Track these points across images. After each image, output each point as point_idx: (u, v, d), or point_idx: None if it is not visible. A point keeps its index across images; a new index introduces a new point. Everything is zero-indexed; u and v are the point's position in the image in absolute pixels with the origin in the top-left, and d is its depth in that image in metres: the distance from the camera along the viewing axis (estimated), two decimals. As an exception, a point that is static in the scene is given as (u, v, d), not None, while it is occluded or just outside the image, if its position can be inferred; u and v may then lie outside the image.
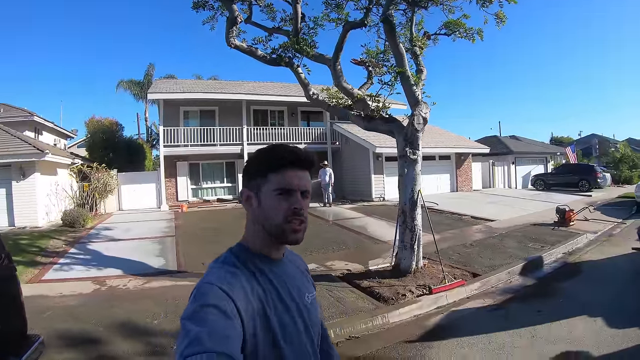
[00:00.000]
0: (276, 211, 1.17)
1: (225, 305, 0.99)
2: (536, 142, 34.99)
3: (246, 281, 1.10)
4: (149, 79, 32.73)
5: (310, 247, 9.50)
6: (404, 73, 7.37)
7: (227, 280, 1.07)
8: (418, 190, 7.08)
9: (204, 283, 1.06)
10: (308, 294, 1.30)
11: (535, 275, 7.53)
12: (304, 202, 1.20)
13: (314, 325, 1.25)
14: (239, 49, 8.25)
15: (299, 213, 1.18)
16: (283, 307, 1.15)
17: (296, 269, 1.35)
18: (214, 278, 1.07)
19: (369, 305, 5.84)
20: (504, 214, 14.07)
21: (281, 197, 1.17)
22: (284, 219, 1.16)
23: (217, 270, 1.13)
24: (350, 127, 19.32)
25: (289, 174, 1.18)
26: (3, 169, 13.36)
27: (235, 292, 1.04)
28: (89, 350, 4.67)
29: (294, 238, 1.19)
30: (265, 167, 1.19)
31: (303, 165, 1.21)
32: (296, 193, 1.18)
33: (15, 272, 3.59)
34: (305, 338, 1.19)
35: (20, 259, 8.86)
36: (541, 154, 30.43)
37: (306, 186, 1.22)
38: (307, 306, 1.25)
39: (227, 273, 1.11)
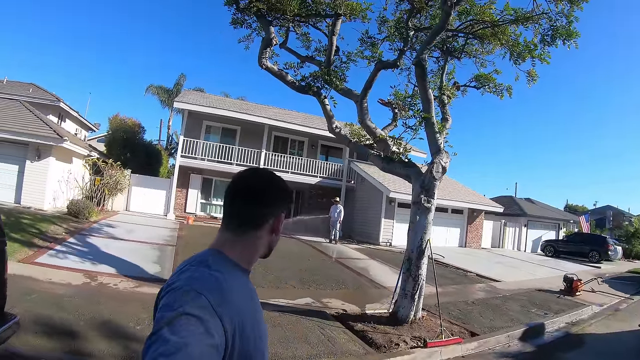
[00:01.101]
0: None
1: (209, 320, 0.91)
2: (551, 207, 34.58)
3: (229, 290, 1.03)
4: (178, 88, 33.26)
5: (309, 282, 9.37)
6: (430, 119, 7.33)
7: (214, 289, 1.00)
8: (427, 240, 6.92)
9: (191, 289, 0.97)
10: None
11: (536, 342, 7.25)
12: None
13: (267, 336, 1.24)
14: (270, 70, 8.30)
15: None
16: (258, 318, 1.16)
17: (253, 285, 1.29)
18: (200, 285, 1.00)
19: (360, 350, 5.63)
20: (510, 275, 13.77)
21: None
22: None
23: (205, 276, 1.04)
24: (367, 168, 19.29)
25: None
26: (20, 146, 13.62)
27: (223, 304, 0.98)
28: (64, 341, 4.60)
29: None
30: (291, 198, 1.32)
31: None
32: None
33: (4, 246, 3.54)
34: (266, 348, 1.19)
35: (18, 237, 8.96)
36: (554, 220, 30.01)
37: None
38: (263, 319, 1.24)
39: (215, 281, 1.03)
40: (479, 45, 8.41)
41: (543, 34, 7.18)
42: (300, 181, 20.54)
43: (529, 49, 7.42)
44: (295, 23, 8.74)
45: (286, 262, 10.91)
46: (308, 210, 21.27)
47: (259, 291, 1.41)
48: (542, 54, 7.33)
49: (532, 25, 7.28)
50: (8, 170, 13.61)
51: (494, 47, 8.20)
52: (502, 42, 7.77)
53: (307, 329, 6.11)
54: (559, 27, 6.88)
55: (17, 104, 16.64)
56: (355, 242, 17.99)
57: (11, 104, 16.52)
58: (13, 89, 21.22)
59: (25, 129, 13.63)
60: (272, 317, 6.29)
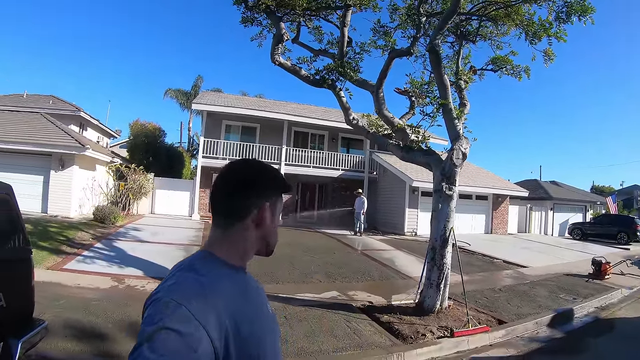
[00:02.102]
0: (275, 232, 1.23)
1: (192, 332, 0.86)
2: (576, 189, 33.79)
3: (217, 295, 0.98)
4: (196, 90, 33.52)
5: (335, 275, 9.38)
6: (447, 105, 7.21)
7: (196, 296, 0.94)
8: (450, 228, 6.83)
9: (171, 299, 0.92)
10: (268, 305, 1.23)
11: (564, 328, 7.09)
12: None
13: (277, 335, 1.23)
14: (283, 66, 8.29)
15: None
16: (254, 317, 1.08)
17: (254, 281, 1.25)
18: (180, 294, 0.94)
19: (386, 342, 5.60)
20: (538, 260, 13.54)
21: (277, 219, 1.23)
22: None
23: (185, 281, 1.00)
24: (389, 158, 19.19)
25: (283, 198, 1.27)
26: (44, 157, 13.93)
27: (206, 313, 0.91)
28: (94, 344, 4.68)
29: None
30: (282, 187, 1.23)
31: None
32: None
33: (30, 255, 3.62)
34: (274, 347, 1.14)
35: (46, 245, 9.16)
36: (581, 202, 29.36)
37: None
38: (271, 317, 1.20)
39: (197, 286, 0.98)
40: (493, 27, 8.25)
41: (557, 12, 6.97)
42: (322, 175, 20.62)
43: (544, 28, 7.24)
44: (306, 17, 8.72)
45: (312, 256, 10.97)
46: (332, 204, 21.35)
47: (284, 287, 1.40)
48: (558, 32, 7.13)
49: (546, 2, 7.10)
50: (33, 180, 13.91)
51: (509, 28, 8.04)
52: (516, 22, 7.61)
53: (333, 322, 6.11)
54: (573, 2, 6.68)
55: (39, 116, 17.07)
56: (380, 233, 17.94)
57: (33, 117, 16.95)
58: (33, 101, 21.79)
59: (47, 140, 13.96)
60: (297, 312, 6.31)
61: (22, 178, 13.47)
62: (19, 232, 3.48)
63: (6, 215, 3.40)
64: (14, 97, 23.03)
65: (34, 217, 12.01)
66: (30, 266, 3.59)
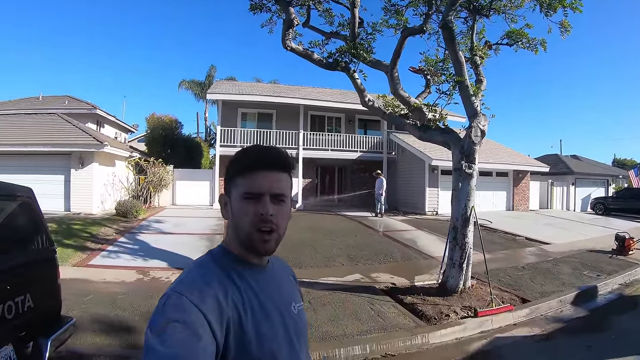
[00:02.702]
0: (243, 218, 1.07)
1: (194, 320, 0.89)
2: (598, 163, 33.05)
3: (220, 287, 1.00)
4: (210, 80, 33.55)
5: (357, 258, 9.40)
6: (463, 82, 7.07)
7: (198, 288, 0.96)
8: (471, 206, 6.75)
9: (173, 292, 0.96)
10: (295, 304, 1.19)
11: (588, 306, 6.98)
12: (276, 207, 1.08)
13: (300, 336, 1.14)
14: (295, 51, 8.22)
15: (266, 220, 1.06)
16: (263, 315, 1.04)
17: (282, 276, 1.24)
18: (183, 286, 0.97)
19: (410, 323, 5.61)
20: (560, 237, 13.33)
21: (248, 202, 1.06)
22: (252, 227, 1.06)
23: (190, 276, 1.03)
24: (407, 138, 19.01)
25: (257, 175, 1.07)
26: (63, 157, 14.18)
27: (207, 303, 0.93)
28: (122, 337, 4.77)
29: (263, 248, 1.08)
30: (234, 170, 1.11)
31: (274, 165, 1.10)
32: (264, 197, 1.06)
33: (54, 254, 3.69)
34: (288, 349, 1.08)
35: (70, 242, 9.33)
36: (602, 176, 28.78)
37: (279, 189, 1.09)
38: (294, 317, 1.15)
39: (200, 279, 1.00)
40: (507, 0, 8.03)
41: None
42: (341, 157, 20.59)
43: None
44: (315, 0, 8.60)
45: (333, 239, 11.00)
46: (351, 186, 21.35)
47: (307, 271, 1.38)
48: (573, 3, 6.90)
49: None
50: (55, 180, 14.17)
51: (523, 0, 7.82)
52: (530, -8, 7.40)
53: (356, 305, 6.13)
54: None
55: (56, 117, 17.40)
56: (401, 214, 17.87)
57: (50, 118, 17.29)
58: (49, 103, 22.22)
59: (66, 140, 14.22)
60: (321, 296, 6.35)
61: (44, 178, 13.75)
62: (42, 234, 3.54)
63: (29, 218, 3.46)
64: (30, 100, 23.52)
65: (57, 216, 12.27)
66: (55, 266, 3.66)
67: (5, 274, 2.91)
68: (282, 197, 1.09)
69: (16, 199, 3.34)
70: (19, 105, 21.59)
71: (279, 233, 1.09)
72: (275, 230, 1.07)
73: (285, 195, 1.10)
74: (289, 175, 1.13)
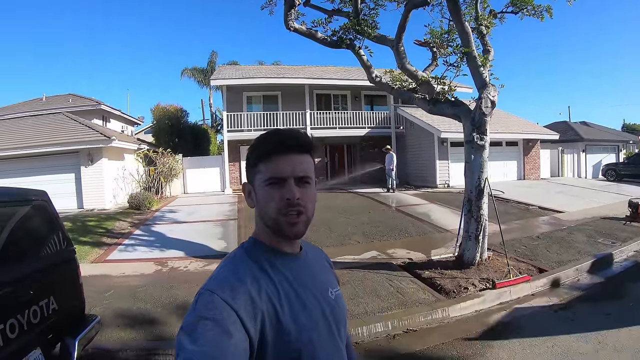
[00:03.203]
0: (269, 204, 1.04)
1: (226, 318, 0.88)
2: (608, 129, 32.61)
3: (253, 282, 0.98)
4: (212, 66, 33.27)
5: (372, 234, 9.42)
6: (470, 53, 6.96)
7: (230, 285, 0.95)
8: (485, 178, 6.70)
9: (205, 290, 0.95)
10: (332, 290, 1.17)
11: (605, 273, 6.95)
12: (301, 190, 1.05)
13: (338, 322, 1.12)
14: (298, 32, 8.12)
15: (292, 204, 1.03)
16: (300, 306, 1.02)
17: (317, 262, 1.22)
18: (215, 284, 0.97)
19: (430, 298, 5.63)
20: (573, 205, 13.23)
21: (273, 188, 1.04)
22: (277, 212, 1.03)
23: (222, 272, 1.02)
24: (415, 111, 18.90)
25: (279, 159, 1.05)
26: (72, 155, 14.25)
27: (239, 300, 0.92)
28: (146, 329, 4.81)
29: (292, 232, 1.06)
30: (255, 157, 1.09)
31: (295, 148, 1.07)
32: (289, 181, 1.04)
33: (74, 255, 3.73)
34: (327, 336, 1.06)
35: (87, 239, 9.38)
36: (613, 142, 28.44)
37: (303, 171, 1.06)
38: (331, 302, 1.13)
39: (232, 275, 0.99)
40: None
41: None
42: (349, 135, 20.56)
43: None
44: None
45: (347, 217, 11.03)
46: (361, 163, 21.27)
47: (324, 251, 1.36)
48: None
49: None
50: (66, 179, 14.26)
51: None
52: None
53: (375, 282, 6.16)
54: None
55: (61, 116, 17.50)
56: (413, 188, 17.89)
57: (55, 118, 17.39)
58: (53, 103, 22.27)
59: (73, 138, 14.26)
60: (340, 275, 6.26)
61: (55, 178, 13.90)
62: (60, 235, 3.57)
63: (46, 221, 3.48)
64: (33, 102, 23.58)
65: (71, 215, 12.34)
66: (75, 266, 3.71)
67: (28, 279, 2.94)
68: (306, 179, 1.07)
69: (31, 203, 3.35)
70: (23, 108, 21.63)
71: (307, 215, 1.07)
72: (303, 212, 1.05)
73: (309, 177, 1.08)
74: (311, 157, 1.11)
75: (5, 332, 2.54)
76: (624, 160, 26.02)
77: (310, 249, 1.26)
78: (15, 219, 3.12)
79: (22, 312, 2.75)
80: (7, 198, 3.13)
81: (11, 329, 2.60)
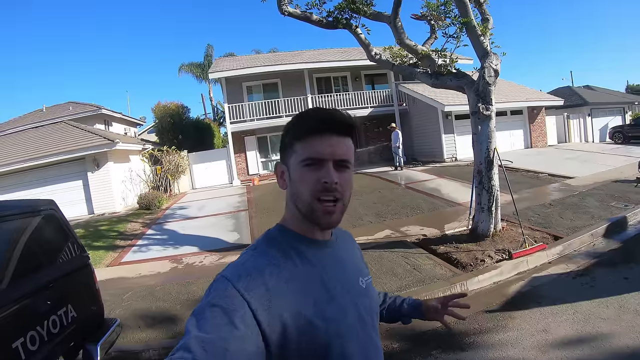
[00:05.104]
0: (303, 186, 0.98)
1: (235, 308, 0.82)
2: (612, 91, 31.93)
3: (273, 272, 0.92)
4: (209, 60, 33.08)
5: (384, 213, 9.41)
6: (469, 23, 6.82)
7: (246, 273, 0.89)
8: (494, 148, 6.63)
9: (221, 276, 0.90)
10: (362, 278, 1.11)
11: (620, 237, 6.84)
12: (339, 174, 0.98)
13: (371, 312, 1.08)
14: (293, 15, 8.02)
15: (330, 188, 0.96)
16: (327, 298, 0.96)
17: (347, 250, 1.15)
18: (232, 271, 0.91)
19: (447, 273, 5.63)
20: (583, 170, 13.11)
21: (309, 169, 0.97)
22: (312, 196, 0.96)
23: (242, 259, 0.96)
24: (416, 87, 18.73)
25: (317, 140, 0.97)
26: (78, 162, 14.26)
27: (253, 290, 0.86)
28: (167, 327, 4.85)
29: (326, 221, 0.99)
30: (292, 136, 1.01)
31: (337, 129, 1.00)
32: (327, 163, 0.97)
33: (88, 260, 3.74)
34: (359, 328, 1.01)
35: (100, 244, 9.40)
36: (618, 104, 27.87)
37: (344, 155, 0.99)
38: (362, 292, 1.07)
39: (251, 263, 0.93)
40: None
41: None
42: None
43: None
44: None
45: (357, 198, 11.00)
46: (367, 143, 21.20)
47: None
48: None
49: None
50: (74, 187, 14.30)
51: None
52: None
53: (391, 261, 6.15)
54: None
55: (63, 125, 17.48)
56: (421, 164, 17.79)
57: (57, 127, 17.36)
58: (54, 112, 22.28)
59: (77, 145, 14.22)
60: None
61: (63, 187, 13.99)
62: (72, 242, 3.59)
63: (56, 230, 3.49)
64: (34, 114, 23.60)
65: (82, 221, 12.40)
66: (90, 272, 3.72)
67: (44, 290, 2.93)
68: (346, 163, 1.00)
69: (41, 213, 3.35)
70: (24, 121, 21.65)
71: (343, 203, 1.00)
72: (340, 199, 0.98)
73: (349, 161, 1.01)
74: (352, 140, 1.05)
75: (26, 345, 2.55)
76: (630, 122, 25.65)
77: (340, 234, 1.19)
78: (27, 230, 3.12)
79: (41, 323, 2.76)
80: (17, 211, 3.12)
81: (32, 341, 2.61)
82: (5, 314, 2.49)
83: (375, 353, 1.05)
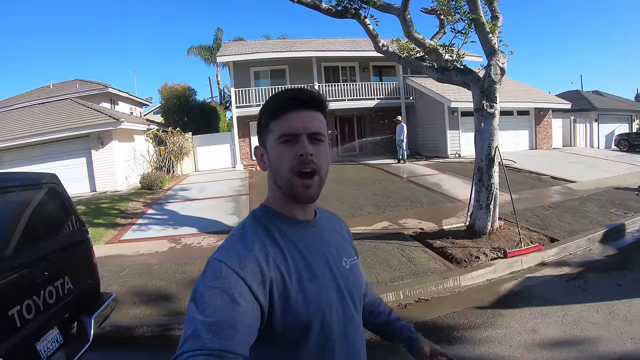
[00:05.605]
0: (282, 162, 1.01)
1: (233, 287, 0.86)
2: (621, 98, 31.83)
3: (261, 249, 0.96)
4: (219, 43, 32.88)
5: (384, 205, 9.47)
6: (478, 20, 6.79)
7: (237, 253, 0.93)
8: (495, 147, 6.64)
9: (214, 259, 0.94)
10: (346, 259, 1.14)
11: (617, 244, 6.86)
12: (314, 147, 1.01)
13: (352, 292, 1.10)
14: (302, 3, 7.98)
15: (306, 160, 0.99)
16: (309, 275, 0.99)
17: (332, 231, 1.18)
18: (224, 252, 0.95)
19: (441, 267, 5.67)
20: (585, 175, 13.09)
21: (285, 146, 1.00)
22: (290, 170, 1.00)
23: (231, 241, 1.01)
24: (424, 81, 18.66)
25: (291, 116, 1.01)
26: (82, 139, 14.35)
27: (246, 267, 0.90)
28: (162, 305, 4.91)
29: (305, 195, 1.02)
30: (266, 116, 1.05)
31: (308, 104, 1.03)
32: (301, 137, 1.00)
33: (87, 235, 3.79)
34: (339, 306, 1.04)
35: (101, 221, 9.49)
36: (626, 112, 27.74)
37: (317, 128, 1.02)
38: (345, 272, 1.10)
39: (240, 243, 0.97)
40: None
41: None
42: (358, 107, 20.33)
43: None
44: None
45: (358, 189, 11.06)
46: (371, 134, 21.24)
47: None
48: None
49: None
50: (77, 163, 14.39)
51: None
52: None
53: (387, 252, 6.21)
54: None
55: (69, 102, 17.56)
56: (424, 158, 17.82)
57: (63, 104, 17.44)
58: (61, 89, 22.35)
59: (82, 123, 14.31)
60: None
61: (67, 164, 14.05)
62: (72, 216, 3.64)
63: (57, 203, 3.53)
64: (41, 90, 23.64)
65: (84, 198, 12.51)
66: (89, 246, 3.77)
67: (42, 261, 2.99)
68: (319, 136, 1.03)
69: (42, 186, 3.40)
70: (31, 97, 21.69)
71: (320, 176, 1.03)
72: (317, 171, 1.01)
73: (322, 134, 1.04)
74: (323, 115, 1.08)
75: (22, 313, 2.60)
76: (637, 130, 25.60)
77: (327, 215, 1.23)
78: (28, 202, 3.17)
79: (38, 292, 2.81)
80: (19, 183, 3.17)
81: (27, 310, 2.66)
82: (6, 281, 2.56)
83: (355, 332, 1.09)
